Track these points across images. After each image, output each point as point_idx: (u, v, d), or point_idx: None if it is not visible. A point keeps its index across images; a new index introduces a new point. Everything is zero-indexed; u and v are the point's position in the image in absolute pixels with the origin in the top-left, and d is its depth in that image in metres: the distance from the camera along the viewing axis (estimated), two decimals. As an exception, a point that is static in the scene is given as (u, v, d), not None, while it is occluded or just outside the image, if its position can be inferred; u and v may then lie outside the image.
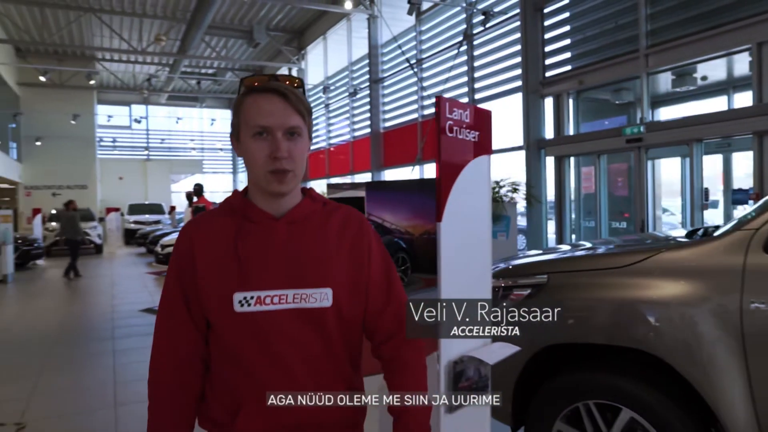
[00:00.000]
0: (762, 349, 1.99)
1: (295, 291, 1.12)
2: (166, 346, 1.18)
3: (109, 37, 19.74)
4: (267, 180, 1.12)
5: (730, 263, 2.09)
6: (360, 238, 1.21)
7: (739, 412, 2.00)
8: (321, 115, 19.83)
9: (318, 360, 1.14)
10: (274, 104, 1.10)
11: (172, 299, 1.18)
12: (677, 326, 2.13)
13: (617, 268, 2.37)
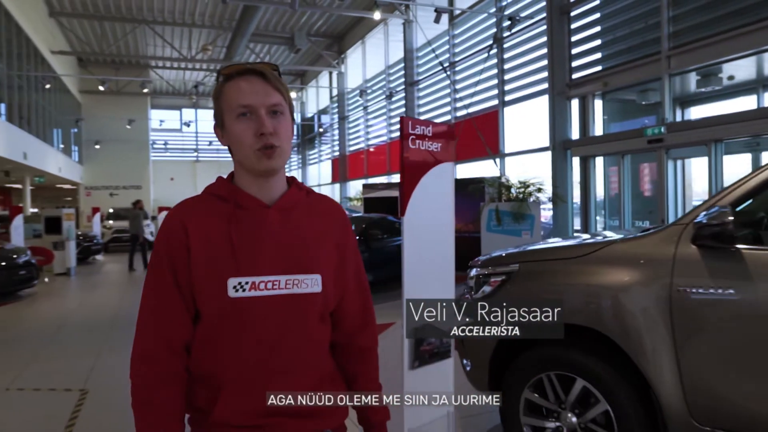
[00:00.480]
0: (686, 327, 2.33)
1: (288, 277, 1.14)
2: (158, 337, 1.15)
3: (161, 46, 20.95)
4: (256, 157, 1.12)
5: (663, 253, 2.44)
6: (343, 229, 1.25)
7: (668, 380, 2.35)
8: (360, 117, 20.41)
9: (305, 344, 1.17)
10: (254, 84, 1.13)
11: (164, 286, 1.15)
12: (619, 307, 2.49)
13: (574, 258, 2.75)
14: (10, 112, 14.86)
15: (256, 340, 1.12)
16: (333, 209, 1.27)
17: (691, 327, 2.33)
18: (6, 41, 14.41)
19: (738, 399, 2.22)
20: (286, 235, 1.16)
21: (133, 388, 1.15)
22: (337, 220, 1.26)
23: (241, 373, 1.13)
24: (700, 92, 8.39)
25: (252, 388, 1.12)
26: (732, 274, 2.25)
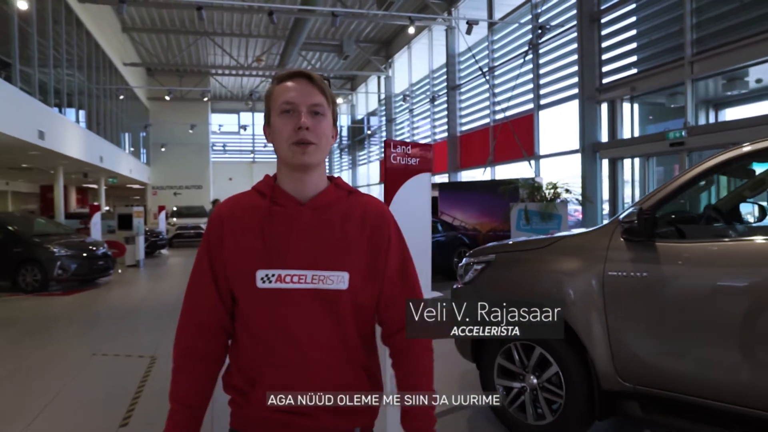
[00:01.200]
0: (614, 305, 2.91)
1: (314, 272, 1.16)
2: (191, 315, 1.25)
3: (220, 55, 22.41)
4: (292, 152, 1.17)
5: (600, 244, 3.03)
6: (380, 227, 1.26)
7: (600, 347, 2.94)
8: (405, 120, 21.12)
9: (330, 339, 1.19)
10: (300, 84, 1.19)
11: (201, 272, 1.25)
12: (564, 288, 3.10)
13: (534, 249, 3.37)
14: (89, 119, 16.48)
15: (284, 332, 1.16)
16: (373, 210, 1.27)
17: (617, 305, 2.91)
18: (86, 56, 16.01)
19: (650, 359, 2.79)
20: (317, 233, 1.19)
21: (172, 356, 1.28)
22: (376, 221, 1.26)
23: (273, 362, 1.18)
24: (732, 95, 8.60)
25: (284, 377, 1.17)
26: (647, 261, 2.82)
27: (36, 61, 11.60)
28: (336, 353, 1.19)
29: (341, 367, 1.20)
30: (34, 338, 6.32)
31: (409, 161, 2.97)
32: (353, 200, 1.27)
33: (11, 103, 9.93)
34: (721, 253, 2.69)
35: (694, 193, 3.29)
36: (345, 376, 1.20)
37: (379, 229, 1.25)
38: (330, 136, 1.23)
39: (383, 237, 1.25)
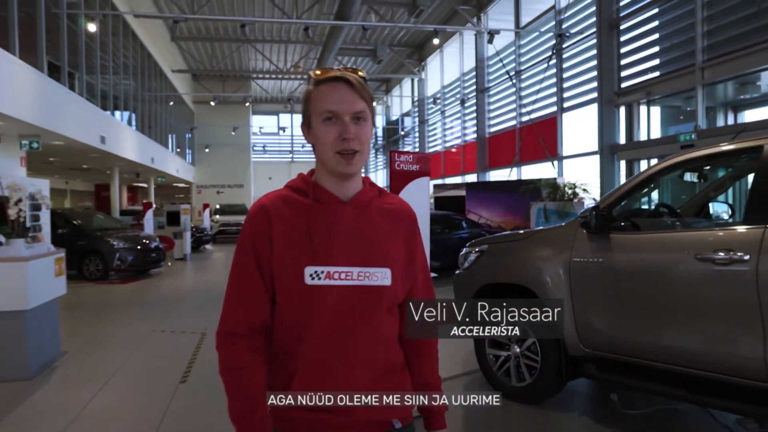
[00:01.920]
0: (577, 285, 3.55)
1: (360, 269, 1.20)
2: (241, 313, 1.24)
3: (261, 60, 23.53)
4: (336, 160, 1.19)
5: (567, 236, 3.67)
6: (412, 228, 1.31)
7: (567, 320, 3.59)
8: (437, 121, 21.75)
9: (374, 334, 1.22)
10: (342, 91, 1.19)
11: (248, 271, 1.24)
12: (539, 272, 3.76)
13: (519, 240, 4.04)
14: (140, 122, 17.77)
15: (328, 327, 1.19)
16: (403, 208, 1.32)
17: (580, 286, 3.55)
18: (139, 65, 17.30)
19: (605, 329, 3.43)
20: (360, 230, 1.23)
21: (220, 359, 1.24)
22: (407, 219, 1.31)
23: (313, 356, 1.19)
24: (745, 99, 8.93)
25: (323, 372, 1.19)
26: (602, 249, 3.45)
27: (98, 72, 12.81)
28: (373, 348, 1.22)
29: (379, 361, 1.23)
30: (102, 318, 7.33)
31: (411, 167, 3.69)
32: (385, 200, 1.31)
33: (79, 112, 11.12)
34: (660, 242, 3.30)
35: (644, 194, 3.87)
36: (383, 371, 1.23)
37: (411, 228, 1.32)
38: (370, 137, 1.26)
39: (415, 236, 1.32)
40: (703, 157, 3.37)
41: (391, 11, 17.21)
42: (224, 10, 17.29)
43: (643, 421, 3.62)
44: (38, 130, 9.06)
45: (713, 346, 2.92)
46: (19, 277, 4.66)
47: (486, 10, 16.25)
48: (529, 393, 3.90)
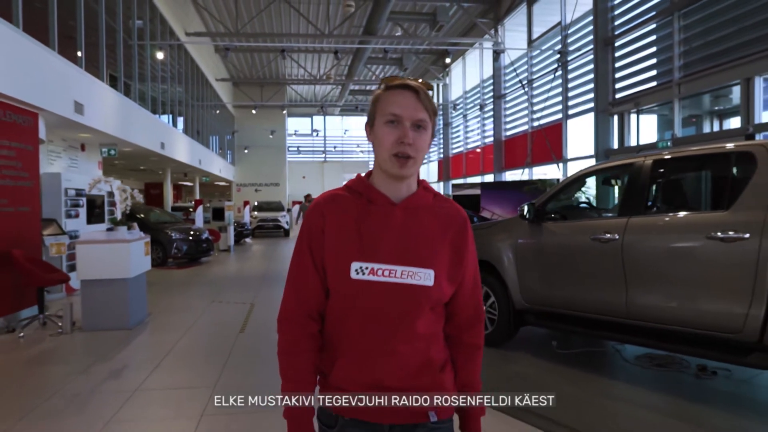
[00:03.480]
0: (520, 259, 5.01)
1: (404, 268, 1.25)
2: (298, 300, 1.34)
3: (296, 68, 25.32)
4: (391, 162, 1.26)
5: (515, 224, 5.14)
6: (463, 233, 1.36)
7: (514, 284, 5.06)
8: (459, 125, 23.14)
9: (415, 331, 1.27)
10: (407, 98, 1.26)
11: (304, 262, 1.33)
12: (497, 251, 5.23)
13: (488, 227, 5.53)
14: (186, 125, 19.71)
15: (371, 320, 1.26)
16: (455, 213, 1.37)
17: (522, 259, 5.01)
18: (187, 74, 19.23)
19: (539, 288, 4.87)
20: (407, 231, 1.28)
21: (279, 341, 1.35)
22: (458, 224, 1.35)
23: (355, 346, 1.29)
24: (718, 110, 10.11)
25: (363, 361, 1.28)
26: (536, 233, 4.91)
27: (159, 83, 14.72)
28: (414, 344, 1.27)
29: (418, 357, 1.28)
30: (169, 293, 9.11)
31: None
32: (438, 203, 1.36)
33: (145, 123, 13.04)
34: (572, 227, 4.73)
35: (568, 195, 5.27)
36: (418, 366, 1.29)
37: (462, 234, 1.35)
38: (428, 146, 1.31)
39: (465, 242, 1.35)
40: (601, 169, 4.80)
41: (414, 25, 18.69)
42: (264, 26, 19.09)
43: (572, 357, 5.05)
44: (115, 139, 10.93)
45: (600, 296, 4.35)
46: (125, 254, 6.40)
47: (503, 21, 17.56)
48: (492, 339, 5.37)
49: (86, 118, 8.80)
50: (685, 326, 3.78)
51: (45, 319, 6.53)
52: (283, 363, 1.35)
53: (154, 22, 14.50)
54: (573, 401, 3.94)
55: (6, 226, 6.42)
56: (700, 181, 4.62)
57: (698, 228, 3.73)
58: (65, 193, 8.61)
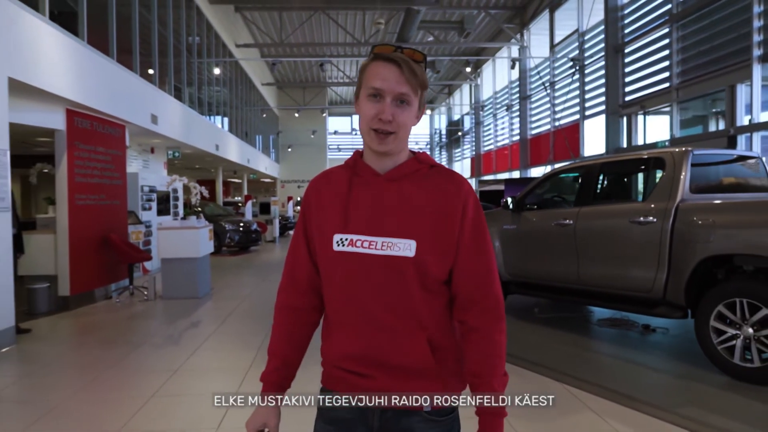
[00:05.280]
0: (504, 242, 6.32)
1: (384, 239, 1.21)
2: (288, 276, 1.37)
3: (336, 71, 26.94)
4: (370, 137, 1.24)
5: (501, 213, 6.45)
6: (455, 199, 1.25)
7: (500, 262, 6.37)
8: (490, 123, 24.24)
9: (395, 305, 1.22)
10: (390, 71, 1.20)
11: (297, 236, 1.36)
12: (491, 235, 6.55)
13: (479, 216, 6.86)
14: (236, 127, 21.55)
15: (353, 293, 1.24)
16: (450, 182, 1.28)
17: (506, 241, 6.31)
18: (236, 80, 21.08)
19: (517, 263, 6.16)
20: (389, 202, 1.24)
21: (273, 313, 1.40)
22: (450, 192, 1.26)
23: (344, 320, 1.26)
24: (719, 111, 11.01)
25: (353, 336, 1.24)
26: (515, 221, 6.20)
27: (213, 89, 16.55)
28: (400, 319, 1.22)
29: (403, 333, 1.22)
30: (225, 274, 10.79)
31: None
32: (433, 172, 1.29)
33: (203, 128, 14.85)
34: (541, 215, 5.99)
35: (543, 191, 6.49)
36: (406, 344, 1.22)
37: (456, 204, 1.24)
38: (412, 122, 1.27)
39: (456, 208, 1.24)
40: (565, 169, 6.05)
41: (444, 33, 19.95)
42: (305, 35, 20.74)
43: (550, 320, 6.32)
44: (179, 143, 12.71)
45: (561, 268, 5.61)
46: (195, 238, 8.03)
47: (528, 26, 18.60)
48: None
49: (159, 127, 10.53)
50: (617, 289, 5.03)
51: (133, 290, 8.26)
52: (272, 330, 1.39)
53: (209, 38, 16.29)
54: (546, 349, 5.17)
55: (104, 216, 8.17)
56: (631, 179, 5.82)
57: (624, 214, 4.96)
58: (141, 190, 10.37)
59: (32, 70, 6.23)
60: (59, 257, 7.37)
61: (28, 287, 6.99)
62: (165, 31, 12.21)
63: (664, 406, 3.64)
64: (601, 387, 4.02)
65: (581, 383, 4.13)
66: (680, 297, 4.47)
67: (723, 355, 4.16)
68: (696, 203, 4.49)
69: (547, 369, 4.50)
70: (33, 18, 6.41)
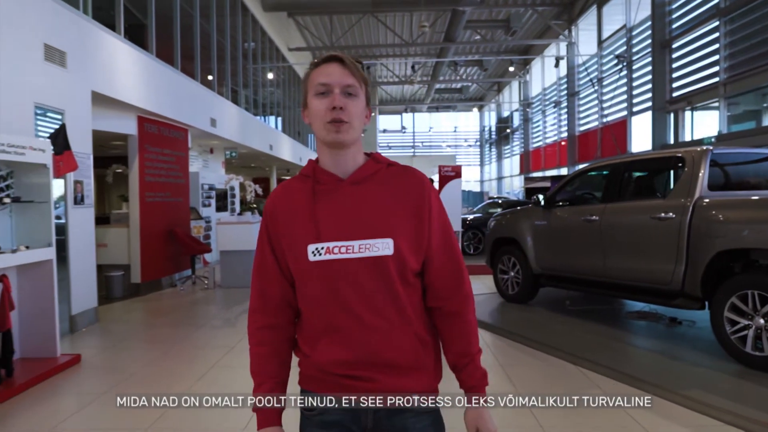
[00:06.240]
0: (536, 236, 6.64)
1: (361, 242, 1.23)
2: (259, 297, 1.35)
3: (386, 70, 27.51)
4: (327, 130, 1.24)
5: (533, 210, 6.77)
6: (421, 199, 1.30)
7: (532, 256, 6.70)
8: (538, 121, 24.15)
9: (381, 304, 1.25)
10: (333, 68, 1.26)
11: (263, 253, 1.34)
12: (520, 229, 6.89)
13: (512, 213, 7.21)
14: (289, 127, 22.45)
15: (338, 299, 1.24)
16: (410, 178, 1.32)
17: (537, 236, 6.63)
18: (288, 81, 21.98)
19: (548, 257, 6.47)
20: (359, 205, 1.27)
21: (248, 336, 1.38)
22: (414, 188, 1.31)
23: (330, 327, 1.27)
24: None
25: (345, 341, 1.25)
26: (546, 217, 6.51)
27: (267, 91, 17.44)
28: (388, 318, 1.25)
29: (394, 331, 1.26)
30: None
31: (450, 173, 7.03)
32: (393, 171, 1.33)
33: (258, 129, 15.74)
34: (570, 211, 6.28)
35: (574, 188, 6.73)
36: (398, 340, 1.26)
37: (421, 199, 1.30)
38: (363, 116, 1.30)
39: (426, 207, 1.30)
40: (593, 168, 6.31)
41: (491, 32, 20.10)
42: (356, 38, 21.38)
43: (579, 312, 6.60)
44: (236, 144, 13.59)
45: (587, 261, 5.90)
46: (250, 232, 8.73)
47: (576, 22, 18.51)
48: (518, 297, 7.03)
49: (218, 129, 11.37)
50: (639, 281, 5.30)
51: (195, 279, 9.07)
52: (251, 354, 1.36)
53: (264, 43, 17.18)
54: (571, 337, 5.49)
55: (170, 212, 9.01)
56: (654, 177, 6.01)
57: (646, 211, 5.21)
58: (201, 188, 11.24)
59: (110, 84, 7.06)
60: (132, 248, 8.24)
61: (106, 275, 7.88)
62: (223, 38, 13.08)
63: (671, 387, 3.93)
64: (612, 369, 4.34)
65: (595, 366, 4.46)
66: (697, 289, 4.70)
67: (736, 345, 4.38)
68: (712, 200, 4.71)
69: (566, 353, 4.84)
70: (112, 38, 7.25)
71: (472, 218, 12.41)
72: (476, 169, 39.11)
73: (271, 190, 3.11)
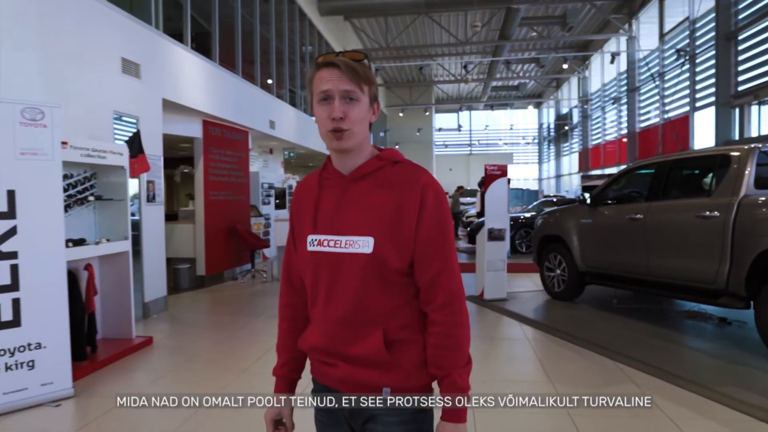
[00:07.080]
0: (582, 234, 6.69)
1: (347, 237, 1.29)
2: (285, 278, 1.50)
3: (442, 69, 27.61)
4: (329, 138, 1.30)
5: (579, 208, 6.82)
6: (411, 192, 1.29)
7: (576, 252, 6.77)
8: (597, 117, 23.56)
9: (354, 298, 1.29)
10: (332, 74, 1.28)
11: (289, 239, 1.49)
12: (566, 228, 6.96)
13: (558, 211, 7.27)
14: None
15: (321, 290, 1.34)
16: (409, 179, 1.32)
17: (583, 234, 6.68)
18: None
19: (593, 255, 6.52)
20: (350, 201, 1.32)
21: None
22: (408, 188, 1.30)
23: (313, 315, 1.38)
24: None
25: (322, 330, 1.34)
26: (592, 215, 6.55)
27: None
28: (367, 313, 1.29)
29: (362, 327, 1.30)
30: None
31: (496, 172, 7.18)
32: (394, 170, 1.33)
33: (314, 129, 16.29)
34: (615, 210, 6.29)
35: (617, 187, 6.67)
36: (363, 337, 1.29)
37: (408, 194, 1.29)
38: (366, 118, 1.32)
39: (412, 201, 1.28)
40: (638, 166, 6.30)
41: (548, 28, 19.82)
42: (410, 38, 21.63)
43: (627, 310, 6.60)
44: (294, 144, 14.19)
45: (631, 259, 5.92)
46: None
47: (637, 15, 17.98)
48: (564, 294, 7.11)
49: (276, 131, 11.95)
50: (682, 280, 5.30)
51: (255, 273, 9.63)
52: (278, 329, 1.52)
53: (321, 46, 17.74)
54: (613, 335, 5.59)
55: (232, 209, 9.61)
56: (698, 175, 5.92)
57: (691, 209, 5.20)
58: (261, 187, 11.84)
59: (179, 91, 7.67)
60: (197, 243, 8.88)
61: (174, 267, 8.54)
62: (281, 43, 13.67)
63: (707, 384, 3.98)
64: (648, 365, 4.42)
65: (632, 361, 4.55)
66: (741, 288, 4.68)
67: (780, 344, 4.36)
68: (758, 198, 4.67)
69: (604, 349, 4.94)
70: (180, 49, 7.87)
71: (526, 216, 12.43)
72: (534, 167, 38.47)
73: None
